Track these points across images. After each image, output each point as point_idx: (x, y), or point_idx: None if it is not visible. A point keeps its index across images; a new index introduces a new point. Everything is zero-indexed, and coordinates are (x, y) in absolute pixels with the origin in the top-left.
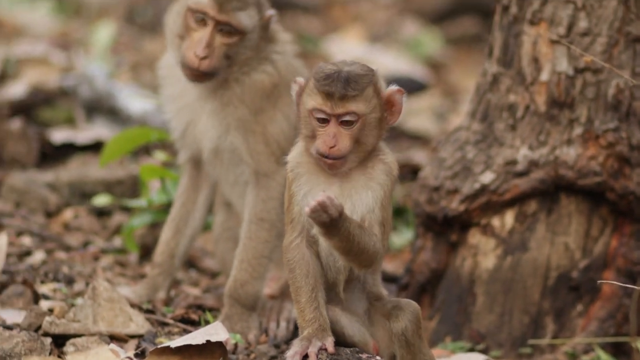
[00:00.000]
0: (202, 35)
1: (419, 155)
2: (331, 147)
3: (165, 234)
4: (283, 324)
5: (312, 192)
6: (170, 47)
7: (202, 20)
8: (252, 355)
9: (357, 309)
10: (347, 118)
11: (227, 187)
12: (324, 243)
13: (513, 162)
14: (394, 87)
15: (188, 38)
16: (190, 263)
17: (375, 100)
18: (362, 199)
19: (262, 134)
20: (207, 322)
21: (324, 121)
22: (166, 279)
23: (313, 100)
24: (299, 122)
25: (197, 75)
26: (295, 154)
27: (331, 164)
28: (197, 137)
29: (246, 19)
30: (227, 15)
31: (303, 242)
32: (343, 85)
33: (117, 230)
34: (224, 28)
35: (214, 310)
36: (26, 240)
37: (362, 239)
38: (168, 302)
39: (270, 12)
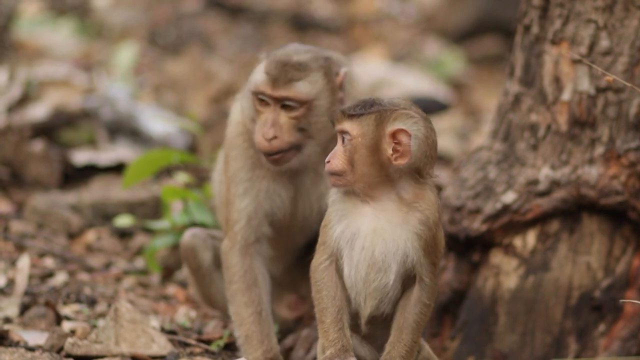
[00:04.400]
0: (266, 116)
1: (441, 175)
2: (327, 161)
3: (262, 329)
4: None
5: (342, 219)
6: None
7: (264, 101)
8: None
9: (378, 342)
10: (344, 136)
11: (283, 250)
12: (347, 272)
13: (535, 182)
14: (398, 125)
15: (258, 122)
16: None
17: (372, 127)
18: (399, 245)
19: None
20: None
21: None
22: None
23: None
24: None
25: (273, 158)
26: None
27: (332, 181)
28: (300, 208)
29: (306, 87)
30: (284, 90)
31: (332, 265)
32: (353, 106)
33: (139, 252)
34: (286, 103)
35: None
36: (48, 262)
37: (418, 337)
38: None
39: (344, 69)
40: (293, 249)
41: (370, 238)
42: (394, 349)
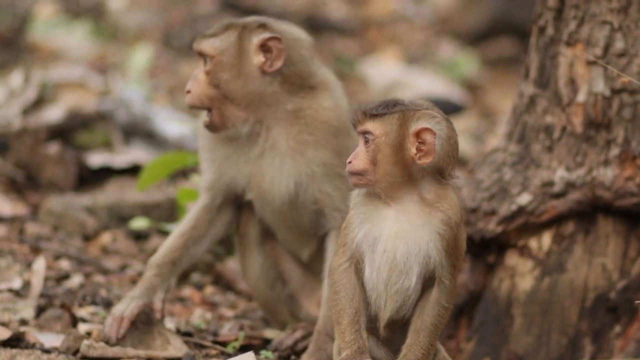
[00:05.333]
0: None
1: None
2: (349, 162)
3: (172, 243)
4: None
5: (364, 222)
6: None
7: None
8: None
9: (396, 345)
10: (366, 137)
11: (291, 233)
12: (368, 275)
13: (550, 184)
14: (423, 124)
15: None
16: (227, 286)
17: (396, 127)
18: (421, 246)
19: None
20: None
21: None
22: (164, 282)
23: None
24: None
25: (192, 109)
26: None
27: (354, 181)
28: (265, 188)
29: (214, 42)
30: (198, 44)
31: (351, 267)
32: (374, 107)
33: (155, 254)
34: (204, 59)
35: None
36: (64, 264)
37: (435, 340)
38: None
39: (264, 35)
40: (298, 233)
41: (392, 241)
42: (410, 351)
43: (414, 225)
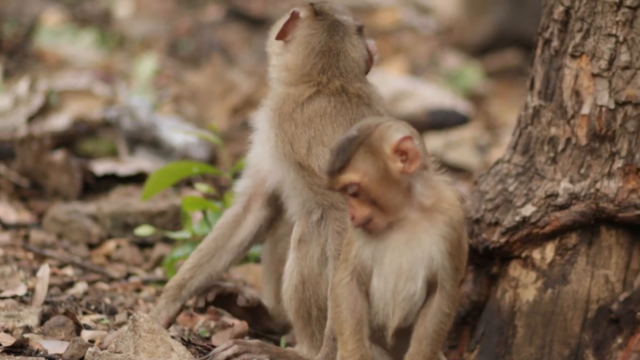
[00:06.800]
0: None
1: (460, 188)
2: (352, 218)
3: (186, 263)
4: None
5: (368, 241)
6: None
7: None
8: None
9: (402, 354)
10: (349, 190)
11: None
12: (376, 285)
13: (554, 195)
14: (398, 136)
15: None
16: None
17: (370, 160)
18: (425, 250)
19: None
20: None
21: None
22: (168, 304)
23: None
24: None
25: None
26: None
27: (365, 230)
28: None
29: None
30: None
31: (353, 281)
32: (332, 160)
33: (159, 262)
34: None
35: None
36: (68, 272)
37: (438, 348)
38: (171, 323)
39: (297, 8)
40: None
41: (399, 251)
42: None
43: (418, 232)
